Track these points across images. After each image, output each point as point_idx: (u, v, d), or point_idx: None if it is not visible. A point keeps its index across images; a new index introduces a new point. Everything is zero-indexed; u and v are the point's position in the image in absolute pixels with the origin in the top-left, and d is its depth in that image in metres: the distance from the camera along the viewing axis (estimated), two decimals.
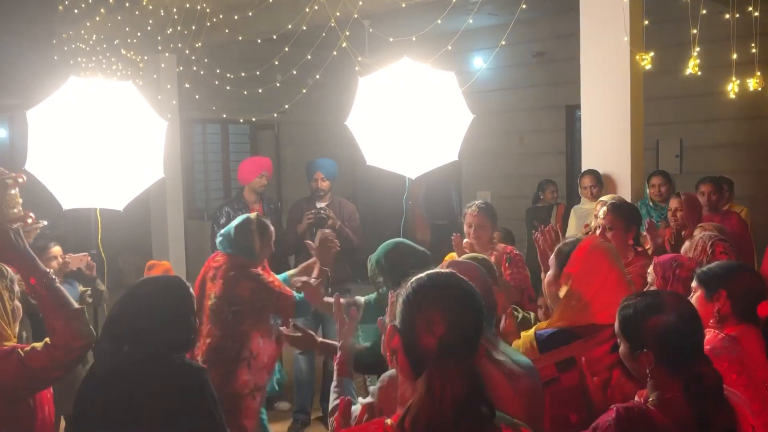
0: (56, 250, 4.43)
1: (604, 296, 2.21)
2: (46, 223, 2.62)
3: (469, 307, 1.58)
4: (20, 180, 2.34)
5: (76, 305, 2.35)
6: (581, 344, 2.16)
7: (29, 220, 2.36)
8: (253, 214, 4.00)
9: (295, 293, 3.85)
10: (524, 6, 5.66)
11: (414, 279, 1.62)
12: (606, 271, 2.25)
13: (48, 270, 2.34)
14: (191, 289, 2.52)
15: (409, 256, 3.08)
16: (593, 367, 2.12)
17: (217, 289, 3.81)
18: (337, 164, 6.02)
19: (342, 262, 5.19)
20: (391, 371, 1.98)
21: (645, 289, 2.94)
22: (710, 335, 2.29)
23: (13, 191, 2.33)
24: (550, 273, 2.37)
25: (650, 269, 2.86)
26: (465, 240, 4.08)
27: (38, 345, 2.34)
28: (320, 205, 5.58)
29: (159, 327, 2.33)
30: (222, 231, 3.99)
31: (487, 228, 4.00)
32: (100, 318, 4.39)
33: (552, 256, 2.39)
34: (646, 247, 4.29)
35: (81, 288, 4.67)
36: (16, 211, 2.33)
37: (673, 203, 4.88)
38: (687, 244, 3.32)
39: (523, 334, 2.34)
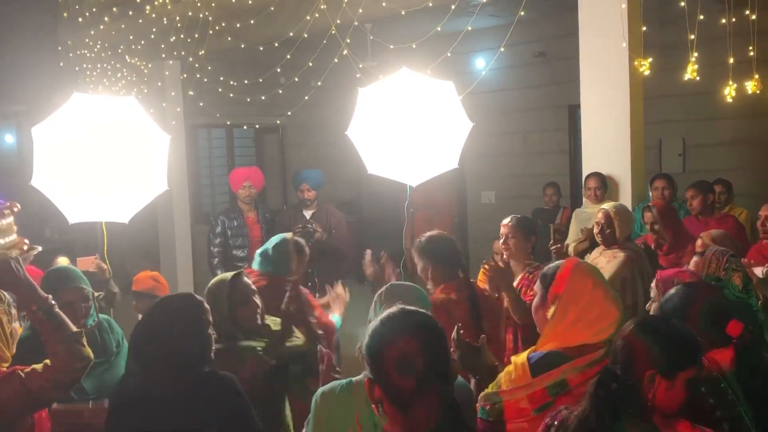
0: (62, 260, 4.52)
1: (591, 313, 2.25)
2: (41, 248, 2.68)
3: (437, 338, 1.66)
4: (15, 209, 2.40)
5: (75, 328, 2.42)
6: (571, 366, 2.18)
7: (24, 247, 2.42)
8: (288, 234, 4.21)
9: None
10: (524, 8, 5.67)
11: (372, 329, 1.69)
12: (591, 288, 2.28)
13: (47, 296, 2.41)
14: (205, 304, 2.66)
15: None
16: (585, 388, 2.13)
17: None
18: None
19: (329, 271, 5.46)
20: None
21: (648, 305, 2.96)
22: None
23: (8, 220, 2.38)
24: (536, 297, 2.40)
25: (653, 285, 2.88)
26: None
27: (38, 367, 2.41)
28: (307, 213, 5.80)
29: (180, 344, 2.48)
30: (259, 250, 4.14)
31: (519, 239, 4.00)
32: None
33: (537, 281, 2.42)
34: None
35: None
36: (11, 239, 2.38)
37: (648, 217, 4.72)
38: (695, 258, 3.29)
39: (514, 358, 2.35)
